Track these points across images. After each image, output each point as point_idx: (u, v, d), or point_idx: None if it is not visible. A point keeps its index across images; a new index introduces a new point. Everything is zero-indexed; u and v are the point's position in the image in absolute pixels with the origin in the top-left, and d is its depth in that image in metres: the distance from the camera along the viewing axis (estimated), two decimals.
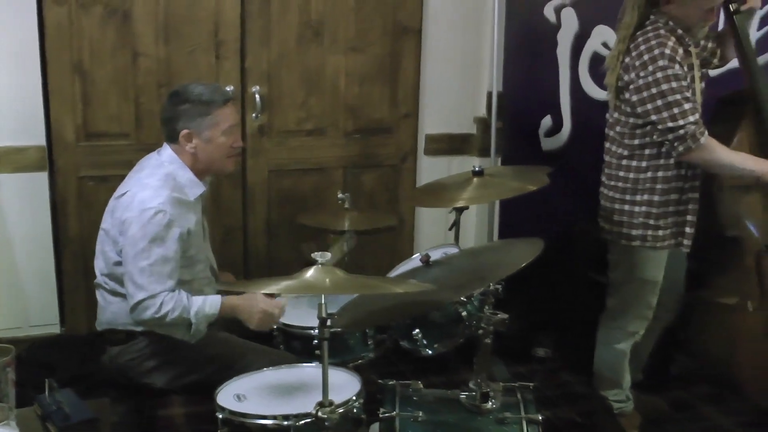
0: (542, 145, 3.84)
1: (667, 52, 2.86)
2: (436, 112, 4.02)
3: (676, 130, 2.87)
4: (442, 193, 3.14)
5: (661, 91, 2.86)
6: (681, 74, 2.88)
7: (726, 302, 3.31)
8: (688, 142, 2.87)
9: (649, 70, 2.87)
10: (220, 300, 2.69)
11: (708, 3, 2.92)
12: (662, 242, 3.08)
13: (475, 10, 3.91)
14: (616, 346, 3.26)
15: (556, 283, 3.89)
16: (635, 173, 3.06)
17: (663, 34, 2.90)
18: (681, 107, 2.85)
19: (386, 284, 2.45)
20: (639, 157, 3.04)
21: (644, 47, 2.90)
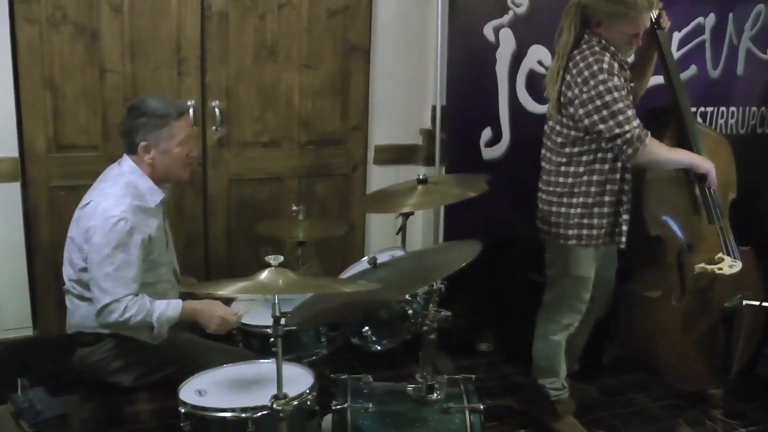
0: (483, 154, 3.93)
1: (605, 67, 3.00)
2: (385, 124, 4.08)
3: (623, 135, 3.00)
4: (389, 200, 3.20)
5: (605, 102, 2.99)
6: (620, 85, 3.02)
7: (651, 296, 3.44)
8: (635, 144, 3.00)
9: (590, 84, 3.00)
10: (182, 304, 2.75)
11: (632, 29, 3.05)
12: (596, 240, 3.22)
13: (420, 29, 3.98)
14: (553, 337, 3.37)
15: (497, 282, 3.98)
16: (572, 178, 3.18)
17: (598, 51, 3.04)
18: (625, 114, 2.98)
19: (335, 284, 2.52)
20: (576, 163, 3.16)
21: (583, 65, 3.03)
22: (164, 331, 2.73)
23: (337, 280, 2.87)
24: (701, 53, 4.45)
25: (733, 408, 3.75)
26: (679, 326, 3.49)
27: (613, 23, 3.04)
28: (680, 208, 3.47)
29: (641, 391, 3.93)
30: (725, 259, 3.42)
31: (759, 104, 4.78)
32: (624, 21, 3.03)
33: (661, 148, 3.14)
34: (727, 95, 4.62)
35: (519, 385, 3.86)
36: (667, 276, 3.48)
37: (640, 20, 3.05)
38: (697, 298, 3.48)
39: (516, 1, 3.83)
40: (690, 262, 3.41)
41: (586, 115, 3.04)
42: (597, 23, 3.08)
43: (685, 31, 4.33)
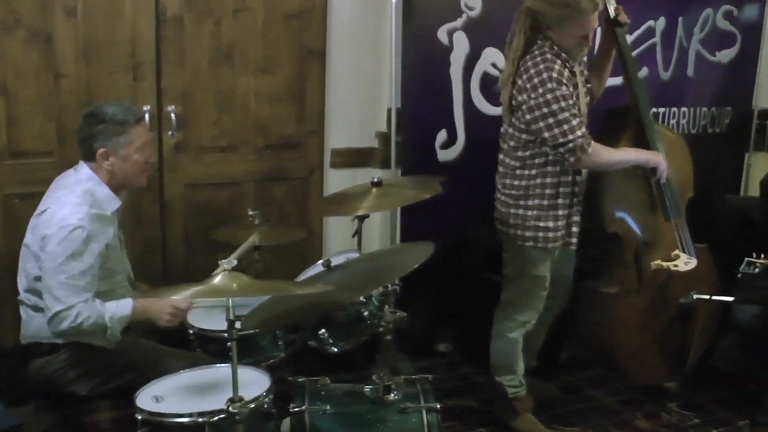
0: (438, 156, 3.95)
1: (554, 75, 3.03)
2: (341, 128, 4.07)
3: (566, 144, 3.04)
4: (345, 202, 3.21)
5: (552, 110, 3.03)
6: (567, 94, 3.05)
7: (608, 292, 3.50)
8: (577, 154, 3.05)
9: (539, 92, 3.03)
10: (132, 302, 2.72)
11: (580, 31, 3.10)
12: (553, 243, 3.26)
13: (375, 33, 3.97)
14: (510, 335, 3.40)
15: (454, 282, 4.00)
16: (527, 181, 3.22)
17: (550, 58, 3.07)
18: (570, 124, 3.03)
19: (289, 287, 2.53)
20: (529, 166, 3.20)
21: (534, 71, 3.07)
22: (118, 332, 2.69)
23: (290, 282, 2.88)
24: (652, 55, 4.55)
25: (689, 400, 3.82)
26: (637, 322, 3.53)
27: (561, 27, 3.08)
28: (638, 205, 3.52)
29: (599, 387, 3.98)
30: (681, 256, 3.48)
31: (709, 105, 4.90)
32: (572, 23, 3.07)
33: (605, 152, 3.18)
34: (679, 96, 4.73)
35: (478, 384, 3.88)
36: (624, 273, 3.52)
37: (587, 22, 3.08)
38: (654, 294, 3.53)
39: (469, 4, 3.86)
40: (647, 259, 3.46)
41: (533, 121, 3.08)
42: (547, 27, 3.12)
43: (636, 34, 4.45)
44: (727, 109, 5.05)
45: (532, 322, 3.43)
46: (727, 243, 4.00)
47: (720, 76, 4.95)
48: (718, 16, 4.83)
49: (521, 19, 3.15)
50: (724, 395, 3.93)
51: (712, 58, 4.85)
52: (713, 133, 4.99)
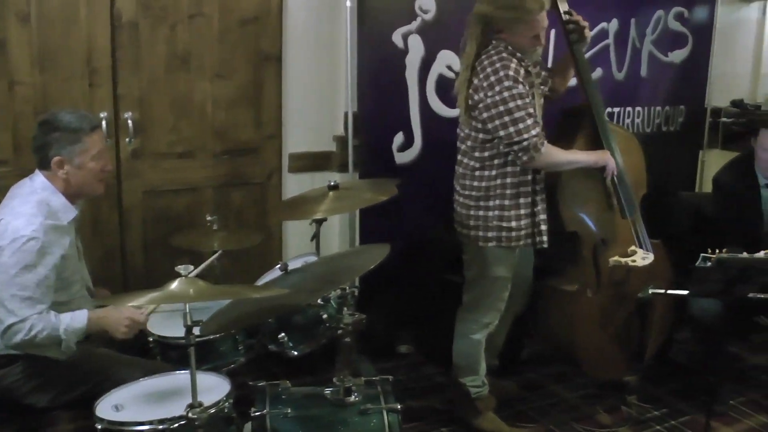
0: (396, 159, 3.96)
1: (510, 74, 3.06)
2: (298, 132, 4.06)
3: (520, 143, 3.08)
4: (302, 207, 3.22)
5: (508, 108, 3.06)
6: (524, 92, 3.08)
7: (568, 290, 3.55)
8: (531, 152, 3.08)
9: (495, 90, 3.06)
10: (87, 314, 2.68)
11: (532, 31, 3.14)
12: (516, 242, 3.28)
13: (330, 37, 3.97)
14: (472, 336, 3.42)
15: (415, 284, 4.02)
16: (487, 182, 3.24)
17: (506, 57, 3.11)
18: (525, 122, 3.06)
19: (244, 291, 2.54)
20: (489, 167, 3.23)
21: (490, 69, 3.10)
22: (72, 344, 2.65)
23: (247, 286, 2.87)
24: (606, 56, 4.61)
25: (647, 393, 3.88)
26: (596, 318, 3.58)
27: (512, 29, 3.12)
28: (594, 204, 3.56)
29: (560, 383, 4.02)
30: (638, 252, 3.52)
31: (663, 104, 4.98)
32: (521, 25, 3.11)
33: (557, 152, 3.23)
34: (633, 96, 4.79)
35: (440, 384, 3.90)
36: (583, 270, 3.56)
37: (536, 22, 3.13)
38: (613, 290, 3.57)
39: (423, 7, 3.88)
40: (605, 256, 3.50)
41: (489, 119, 3.11)
42: (499, 30, 3.16)
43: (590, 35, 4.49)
44: (681, 108, 5.13)
45: (495, 323, 3.45)
46: (681, 238, 4.08)
47: (673, 76, 5.02)
48: (669, 18, 4.89)
49: (472, 25, 3.18)
50: (682, 387, 4.00)
51: (665, 59, 4.92)
52: (667, 131, 5.06)
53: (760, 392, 4.04)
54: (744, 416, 3.79)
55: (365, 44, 3.83)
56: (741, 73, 5.79)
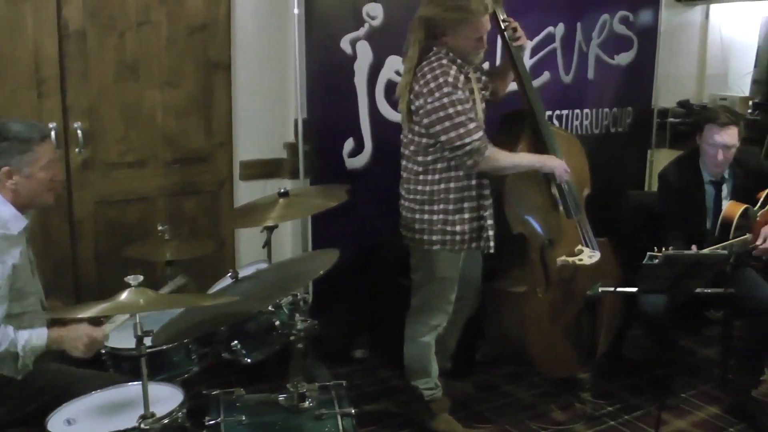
0: (346, 165, 3.96)
1: (450, 80, 3.09)
2: (249, 139, 4.06)
3: (463, 147, 3.11)
4: (253, 214, 3.23)
5: (448, 114, 3.08)
6: (464, 98, 3.11)
7: (517, 291, 3.58)
8: (475, 156, 3.12)
9: (436, 96, 3.09)
10: (47, 332, 2.64)
11: (476, 33, 3.18)
12: (461, 245, 3.31)
13: (278, 44, 3.97)
14: (422, 339, 3.44)
15: (368, 288, 4.03)
16: (431, 186, 3.26)
17: (445, 64, 3.14)
18: (466, 127, 3.09)
19: (195, 299, 2.54)
20: (432, 171, 3.25)
21: (430, 76, 3.12)
22: (29, 362, 2.62)
23: (197, 295, 2.88)
24: (553, 60, 4.65)
25: (601, 389, 3.96)
26: (546, 317, 3.61)
27: (457, 30, 3.15)
28: (540, 205, 3.59)
29: (514, 383, 4.05)
30: (585, 251, 3.57)
31: (611, 106, 5.04)
32: (466, 26, 3.14)
33: (502, 155, 3.25)
34: (581, 98, 4.84)
35: (395, 388, 3.91)
36: (531, 271, 3.59)
37: (480, 23, 3.17)
38: (561, 289, 3.62)
39: (371, 13, 3.89)
40: (552, 256, 3.54)
41: (431, 125, 3.13)
42: (442, 33, 3.18)
43: (536, 39, 4.55)
44: (628, 109, 5.18)
45: (443, 324, 3.47)
46: (630, 236, 4.14)
47: (619, 78, 5.07)
48: (614, 21, 4.95)
49: (415, 29, 3.21)
50: (635, 382, 4.06)
51: (611, 61, 4.98)
52: (616, 132, 5.12)
53: (711, 384, 4.12)
54: (696, 408, 3.86)
55: (314, 51, 3.82)
56: (686, 74, 5.88)
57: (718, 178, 3.88)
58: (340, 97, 3.92)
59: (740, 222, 3.76)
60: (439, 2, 3.15)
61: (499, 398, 3.91)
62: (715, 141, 3.71)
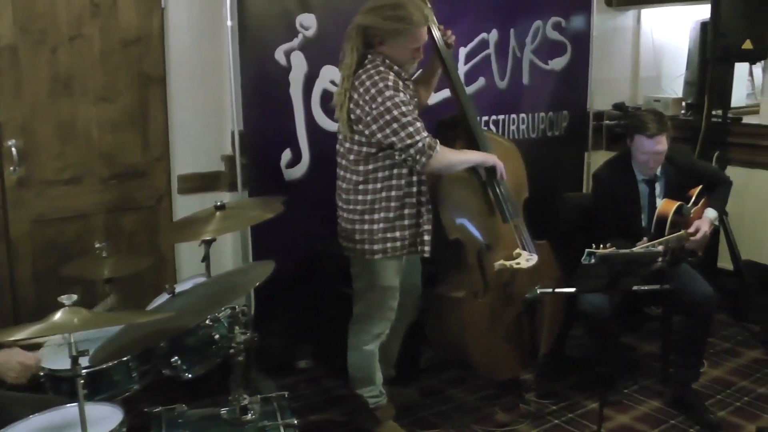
0: (284, 176, 3.94)
1: (390, 84, 3.10)
2: (186, 153, 4.02)
3: (415, 145, 3.11)
4: (191, 228, 3.20)
5: (394, 116, 3.08)
6: (407, 99, 3.12)
7: (456, 296, 3.59)
8: (428, 152, 3.12)
9: (378, 101, 3.09)
10: None
11: (413, 44, 3.19)
12: (400, 251, 3.31)
13: (213, 56, 3.95)
14: (365, 347, 3.43)
15: (311, 298, 4.02)
16: (372, 195, 3.26)
17: (383, 70, 3.14)
18: (414, 126, 3.10)
19: (129, 316, 2.51)
20: (373, 180, 3.24)
21: (369, 83, 3.12)
22: None
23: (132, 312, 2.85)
24: (488, 66, 4.69)
25: (545, 389, 3.99)
26: (486, 321, 3.62)
27: (395, 40, 3.16)
28: (475, 211, 3.61)
29: (459, 387, 4.06)
30: (522, 254, 3.58)
31: (546, 110, 5.10)
32: (405, 36, 3.15)
33: (450, 153, 3.28)
34: (516, 103, 4.89)
35: (340, 397, 3.88)
36: (469, 276, 3.60)
37: (419, 34, 3.19)
38: (500, 292, 3.63)
39: (304, 24, 3.88)
40: (490, 260, 3.55)
41: (379, 130, 3.12)
42: (380, 42, 3.18)
43: (470, 46, 4.58)
44: (564, 113, 5.25)
45: (386, 332, 3.46)
46: (569, 238, 4.20)
47: (554, 83, 5.13)
48: (547, 27, 5.01)
49: (353, 36, 3.20)
50: (577, 381, 4.11)
51: (545, 67, 5.04)
52: (552, 136, 5.18)
53: (653, 379, 4.18)
54: (638, 403, 3.92)
55: (248, 63, 3.79)
56: (620, 77, 5.99)
57: (651, 176, 3.95)
58: (277, 109, 3.89)
59: (675, 219, 3.83)
60: (378, 11, 3.16)
61: (444, 403, 3.91)
62: (646, 150, 3.77)
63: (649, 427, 3.71)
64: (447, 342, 3.77)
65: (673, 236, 3.78)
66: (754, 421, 3.76)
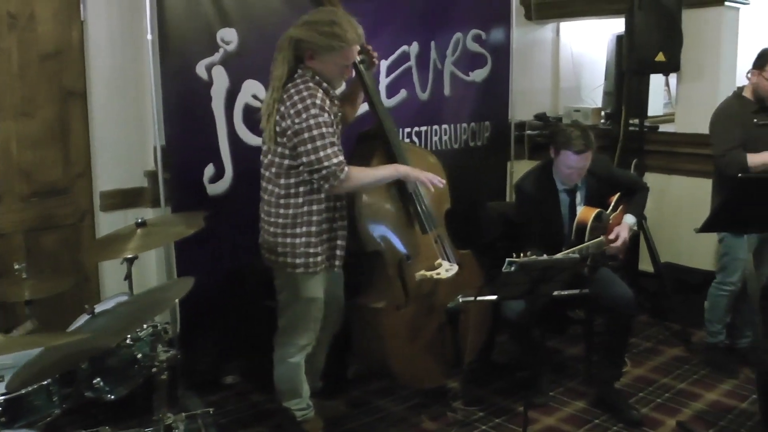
0: (208, 191, 3.88)
1: (317, 102, 3.10)
2: (109, 169, 3.94)
3: (320, 171, 3.11)
4: (112, 246, 3.15)
5: (312, 136, 3.08)
6: (329, 121, 3.12)
7: (377, 307, 3.58)
8: (331, 181, 3.13)
9: (302, 117, 3.08)
10: None
11: (344, 61, 3.20)
12: (321, 266, 3.30)
13: (134, 70, 3.89)
14: (291, 360, 3.41)
15: (236, 313, 3.97)
16: (294, 209, 3.25)
17: (312, 87, 3.14)
18: (326, 151, 3.09)
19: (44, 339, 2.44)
20: (295, 195, 3.23)
21: (297, 98, 3.11)
22: None
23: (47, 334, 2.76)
24: (409, 78, 4.71)
25: (472, 395, 4.02)
26: (407, 331, 3.62)
27: (327, 55, 3.16)
28: (395, 222, 3.61)
29: (386, 397, 4.06)
30: (443, 264, 3.61)
31: (469, 121, 5.15)
32: (337, 53, 3.16)
33: (361, 174, 3.27)
34: (438, 115, 4.92)
35: (268, 411, 3.85)
36: (390, 287, 3.60)
37: (350, 53, 3.21)
38: (422, 303, 3.63)
39: (225, 38, 3.84)
40: (411, 271, 3.56)
41: (298, 144, 3.12)
42: (310, 56, 3.18)
43: (391, 58, 4.60)
44: (486, 124, 5.31)
45: (312, 344, 3.45)
46: (491, 246, 4.26)
47: (476, 94, 5.19)
48: (467, 39, 5.07)
49: (285, 47, 3.19)
50: (504, 386, 4.15)
51: (466, 78, 5.09)
52: (475, 146, 5.23)
53: (577, 380, 4.26)
54: (563, 405, 3.98)
55: (170, 77, 3.74)
56: (541, 88, 6.10)
57: (571, 186, 4.02)
58: (199, 123, 3.84)
59: (594, 225, 3.90)
60: (314, 26, 3.16)
61: (372, 414, 3.91)
62: (572, 165, 3.83)
63: (574, 427, 3.77)
64: (369, 352, 3.76)
65: (593, 242, 3.86)
66: (674, 415, 3.87)
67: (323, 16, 3.21)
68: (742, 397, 4.07)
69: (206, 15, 3.82)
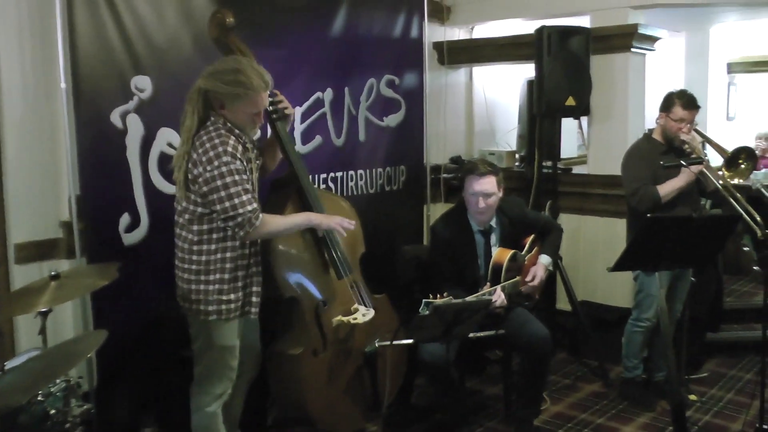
0: (123, 240, 3.86)
1: (229, 150, 3.15)
2: (22, 220, 3.87)
3: (235, 218, 3.16)
4: (25, 299, 3.12)
5: (225, 183, 3.13)
6: (241, 168, 3.17)
7: (294, 353, 3.64)
8: (246, 228, 3.18)
9: (214, 164, 3.13)
10: None
11: (252, 108, 3.26)
12: (234, 313, 3.34)
13: (48, 119, 3.86)
14: (207, 409, 3.41)
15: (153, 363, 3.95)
16: (206, 256, 3.29)
17: (224, 134, 3.19)
18: (240, 198, 3.15)
19: None
20: (208, 241, 3.28)
21: (209, 145, 3.16)
22: None
23: None
24: (324, 124, 4.79)
25: None
26: (325, 377, 3.69)
27: (234, 104, 3.22)
28: (310, 268, 3.69)
29: None
30: (359, 309, 3.71)
31: (384, 165, 5.24)
32: (245, 101, 3.22)
33: (275, 221, 3.35)
34: (353, 160, 5.01)
35: None
36: (306, 332, 3.67)
37: (259, 99, 3.26)
38: (339, 348, 3.72)
39: (139, 86, 3.85)
40: (327, 317, 3.65)
41: (209, 192, 3.16)
42: (220, 106, 3.23)
43: (306, 105, 4.67)
44: (402, 168, 5.42)
45: (228, 392, 3.45)
46: (407, 290, 4.36)
47: (390, 139, 5.31)
48: (381, 85, 5.19)
49: (194, 99, 3.24)
50: (423, 428, 4.25)
51: (381, 123, 5.21)
52: (391, 190, 5.33)
53: (497, 419, 4.38)
54: None
55: (84, 125, 3.73)
56: (456, 131, 6.27)
57: (486, 227, 4.16)
58: (114, 172, 3.84)
59: (510, 266, 4.04)
60: (218, 75, 3.22)
61: None
62: (475, 190, 3.99)
63: None
64: (287, 398, 3.80)
65: (509, 282, 3.99)
66: None
67: (227, 65, 3.27)
68: (658, 429, 4.26)
69: (120, 62, 3.82)
